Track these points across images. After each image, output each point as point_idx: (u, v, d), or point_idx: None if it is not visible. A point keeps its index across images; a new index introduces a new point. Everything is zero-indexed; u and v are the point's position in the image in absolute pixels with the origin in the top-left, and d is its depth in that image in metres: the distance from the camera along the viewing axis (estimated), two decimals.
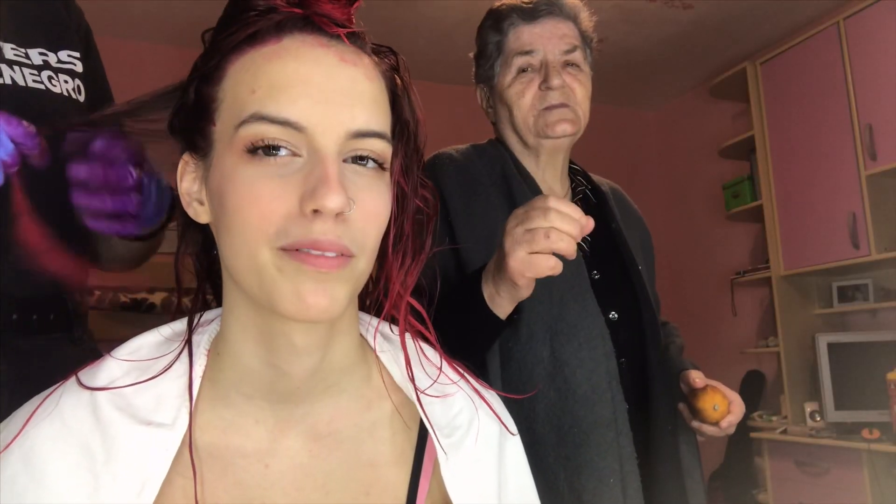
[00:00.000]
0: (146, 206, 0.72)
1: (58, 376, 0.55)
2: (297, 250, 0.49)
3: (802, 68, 3.12)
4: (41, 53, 0.85)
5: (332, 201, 0.47)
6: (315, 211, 0.48)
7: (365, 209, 0.51)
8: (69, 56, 0.89)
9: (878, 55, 2.80)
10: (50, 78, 0.84)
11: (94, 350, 0.88)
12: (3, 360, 0.76)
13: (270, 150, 0.49)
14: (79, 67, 0.90)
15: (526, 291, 0.84)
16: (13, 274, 0.77)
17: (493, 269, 0.87)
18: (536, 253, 0.78)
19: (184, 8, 2.97)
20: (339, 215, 0.49)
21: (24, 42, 0.84)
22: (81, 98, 0.89)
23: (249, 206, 0.49)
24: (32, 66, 0.83)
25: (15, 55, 0.82)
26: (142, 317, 2.71)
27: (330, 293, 0.50)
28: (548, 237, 0.77)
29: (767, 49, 3.51)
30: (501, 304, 0.88)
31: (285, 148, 0.50)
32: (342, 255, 0.50)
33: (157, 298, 2.78)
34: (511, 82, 1.11)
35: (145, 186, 0.71)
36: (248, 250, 0.50)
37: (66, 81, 0.86)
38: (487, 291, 0.88)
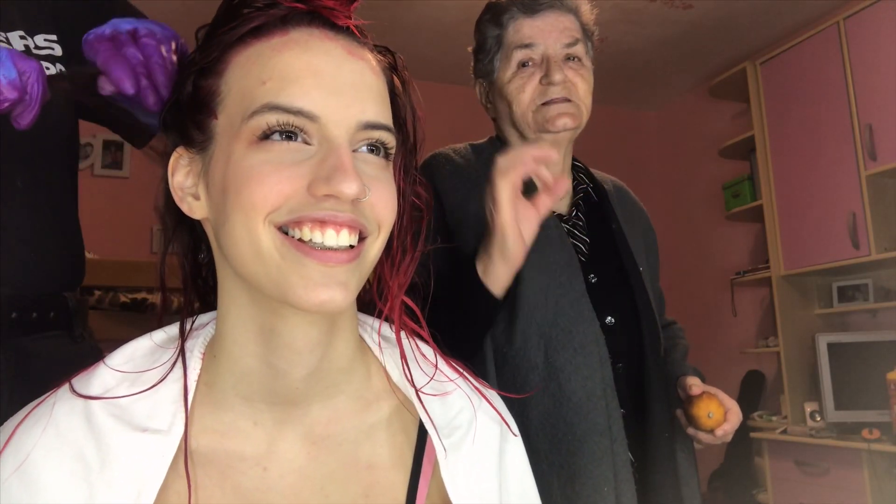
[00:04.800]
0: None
1: (58, 375, 0.55)
2: (308, 241, 0.49)
3: (802, 68, 3.12)
4: (21, 37, 0.81)
5: (350, 188, 0.48)
6: (326, 196, 0.48)
7: (378, 195, 0.52)
8: (46, 40, 0.84)
9: (878, 55, 2.79)
10: None
11: (94, 348, 0.88)
12: (2, 358, 0.76)
13: (284, 135, 0.50)
14: (57, 51, 0.84)
15: (514, 247, 0.87)
16: (12, 271, 0.77)
17: (483, 244, 0.90)
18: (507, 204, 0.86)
19: (184, 8, 2.97)
20: (353, 202, 0.49)
21: (5, 25, 0.80)
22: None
23: (253, 186, 0.49)
24: None
25: None
26: (142, 317, 2.70)
27: (342, 285, 0.50)
28: (500, 183, 0.85)
29: (767, 49, 3.50)
30: (495, 273, 0.89)
31: (300, 135, 0.50)
32: (357, 236, 0.51)
33: (156, 298, 2.78)
34: (511, 77, 1.08)
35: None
36: (247, 231, 0.49)
37: (47, 69, 0.81)
38: (481, 265, 0.90)
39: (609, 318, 1.06)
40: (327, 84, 0.51)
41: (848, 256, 2.90)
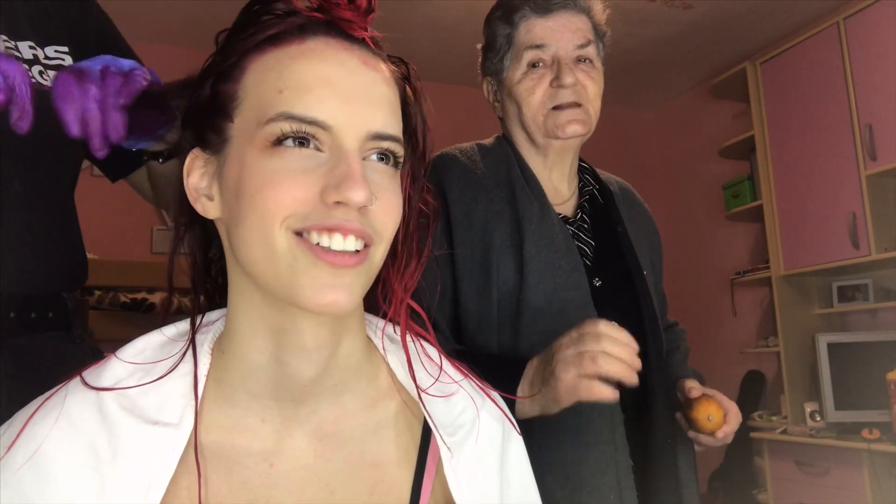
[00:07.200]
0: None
1: (57, 374, 0.55)
2: (316, 245, 0.50)
3: (802, 68, 3.12)
4: (31, 47, 0.83)
5: (358, 195, 0.49)
6: (337, 203, 0.50)
7: (383, 204, 0.53)
8: (56, 52, 0.86)
9: (878, 55, 2.79)
10: (41, 73, 0.82)
11: (93, 348, 0.88)
12: (1, 357, 0.76)
13: (297, 141, 0.51)
14: (67, 62, 0.87)
15: (562, 407, 0.87)
16: (11, 271, 0.77)
17: (537, 376, 0.88)
18: (587, 377, 0.82)
19: (184, 8, 2.97)
20: (361, 209, 0.51)
21: (15, 34, 0.82)
22: None
23: (268, 191, 0.50)
24: (24, 61, 0.81)
25: (6, 47, 0.80)
26: (142, 316, 2.70)
27: (347, 288, 0.51)
28: (595, 361, 0.81)
29: (767, 49, 3.50)
30: (524, 408, 0.89)
31: (312, 142, 0.51)
32: (363, 242, 0.52)
33: (156, 298, 2.78)
34: (521, 78, 1.07)
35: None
36: (262, 234, 0.51)
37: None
38: (522, 391, 0.89)
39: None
40: (341, 94, 0.52)
41: (848, 256, 2.90)
